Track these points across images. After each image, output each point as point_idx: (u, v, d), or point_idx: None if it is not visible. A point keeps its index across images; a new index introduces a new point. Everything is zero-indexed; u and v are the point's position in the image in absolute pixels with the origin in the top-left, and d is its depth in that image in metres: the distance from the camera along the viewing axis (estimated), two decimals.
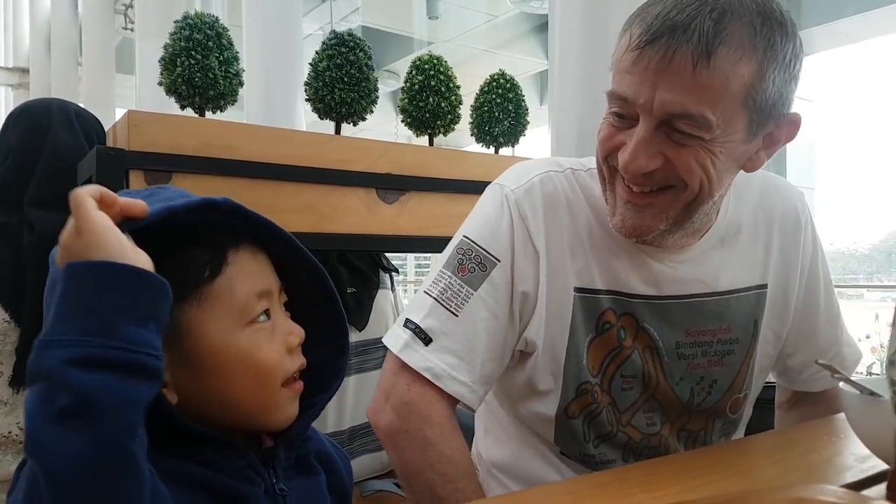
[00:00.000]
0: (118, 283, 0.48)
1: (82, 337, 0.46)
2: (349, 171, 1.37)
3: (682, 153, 0.78)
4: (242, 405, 0.61)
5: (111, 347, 0.47)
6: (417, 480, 0.84)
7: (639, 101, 0.77)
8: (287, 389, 0.63)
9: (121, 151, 1.18)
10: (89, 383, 0.45)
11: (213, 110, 1.33)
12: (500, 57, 7.74)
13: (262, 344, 0.61)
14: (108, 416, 0.45)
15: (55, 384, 0.45)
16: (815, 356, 1.03)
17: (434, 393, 0.85)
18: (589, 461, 0.95)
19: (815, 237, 1.03)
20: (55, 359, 0.46)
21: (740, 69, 0.74)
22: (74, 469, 0.44)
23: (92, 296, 0.48)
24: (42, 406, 0.45)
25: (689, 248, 0.93)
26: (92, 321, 0.47)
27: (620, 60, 0.80)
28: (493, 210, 0.91)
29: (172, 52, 1.29)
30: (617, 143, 0.81)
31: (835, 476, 0.76)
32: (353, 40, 1.41)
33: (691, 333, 0.94)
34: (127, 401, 0.47)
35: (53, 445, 0.44)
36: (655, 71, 0.75)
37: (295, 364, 0.64)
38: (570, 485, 0.80)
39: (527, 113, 1.62)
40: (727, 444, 1.04)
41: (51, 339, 0.47)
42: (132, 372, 0.47)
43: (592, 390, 0.92)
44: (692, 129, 0.76)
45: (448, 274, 0.88)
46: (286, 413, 0.64)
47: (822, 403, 1.08)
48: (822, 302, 1.04)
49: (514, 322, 0.90)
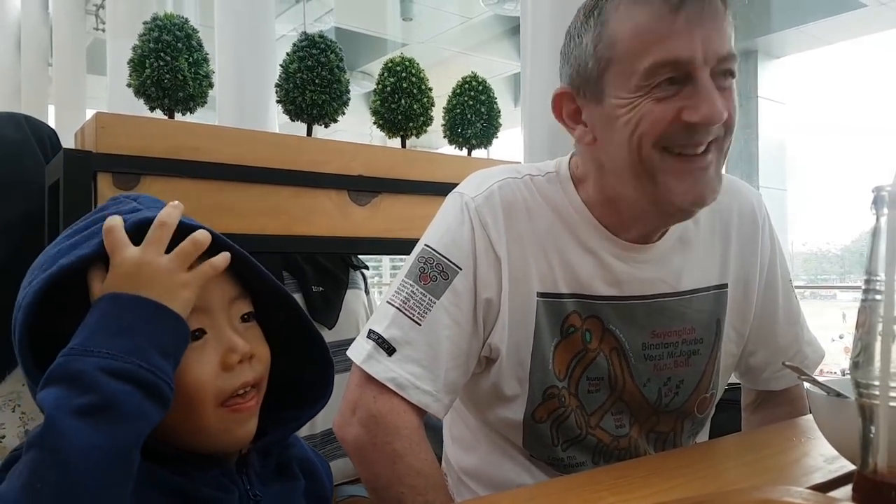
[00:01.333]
0: (157, 320, 0.55)
1: (118, 352, 0.52)
2: (321, 172, 1.35)
3: (728, 97, 0.83)
4: (177, 428, 0.59)
5: (142, 367, 0.52)
6: (387, 493, 0.83)
7: (696, 55, 0.79)
8: (227, 410, 0.60)
9: (88, 154, 1.16)
10: (117, 390, 0.50)
11: (182, 112, 1.32)
12: (475, 59, 7.77)
13: (190, 363, 0.58)
14: (126, 421, 0.50)
15: (82, 385, 0.50)
16: (775, 355, 1.05)
17: (401, 404, 0.84)
18: (558, 464, 0.95)
19: (772, 236, 1.05)
20: (89, 365, 0.50)
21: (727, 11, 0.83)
22: (86, 460, 0.47)
23: (132, 323, 0.54)
24: (63, 401, 0.49)
25: (651, 247, 0.94)
26: (127, 344, 0.52)
27: (653, 30, 0.80)
28: (454, 218, 0.91)
29: (141, 54, 1.27)
30: (674, 111, 0.80)
31: (803, 477, 0.76)
32: (325, 42, 1.40)
33: (657, 335, 0.95)
34: (143, 415, 0.51)
35: (71, 436, 0.47)
36: (700, 22, 0.79)
37: (233, 382, 0.60)
38: (538, 489, 0.79)
39: (499, 115, 1.62)
40: (696, 447, 1.05)
41: (86, 348, 0.51)
42: (152, 393, 0.52)
43: (559, 394, 0.92)
44: (732, 65, 0.82)
45: (410, 283, 0.88)
46: (233, 436, 0.61)
47: (787, 404, 1.09)
48: (780, 300, 1.05)
49: (477, 329, 0.90)
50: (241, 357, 0.61)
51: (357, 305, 1.64)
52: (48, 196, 1.29)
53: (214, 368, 0.60)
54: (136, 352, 0.52)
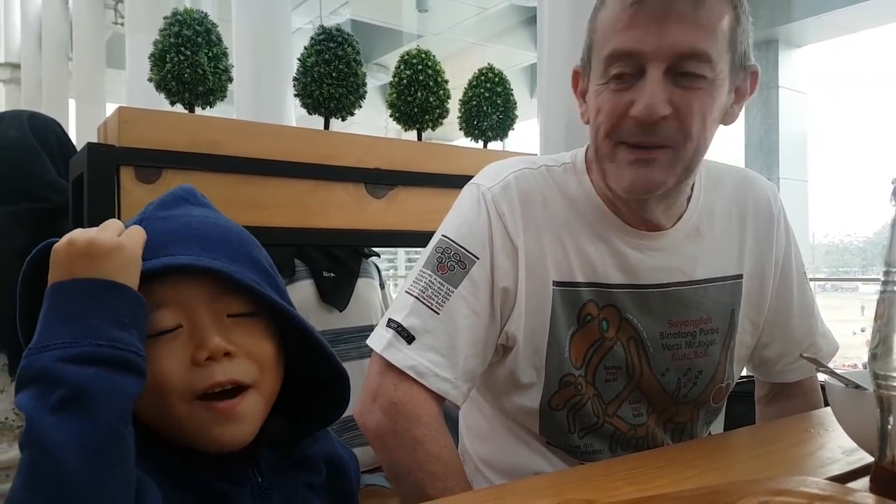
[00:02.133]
0: (102, 296, 0.54)
1: (72, 340, 0.51)
2: (338, 166, 1.36)
3: (689, 99, 0.82)
4: (157, 420, 0.59)
5: (100, 346, 0.51)
6: (407, 480, 0.84)
7: (646, 49, 0.80)
8: (202, 407, 0.59)
9: (111, 147, 1.18)
10: (82, 376, 0.49)
11: (202, 106, 1.33)
12: (490, 49, 7.74)
13: (161, 356, 0.58)
14: (100, 404, 0.49)
15: (49, 381, 0.49)
16: (789, 347, 1.05)
17: (421, 392, 0.85)
18: (575, 451, 0.96)
19: (787, 229, 1.05)
20: (48, 359, 0.50)
21: (725, 12, 0.81)
22: (75, 453, 0.47)
23: (80, 306, 0.53)
24: (38, 401, 0.49)
25: (664, 235, 0.94)
26: (80, 327, 0.52)
27: (616, 22, 0.83)
28: (471, 208, 0.93)
29: (162, 49, 1.28)
30: (625, 105, 0.83)
31: (820, 468, 0.76)
32: (342, 35, 1.40)
33: (674, 324, 0.95)
34: (116, 391, 0.51)
35: (53, 433, 0.47)
36: (660, 18, 0.79)
37: (204, 379, 0.58)
38: (556, 477, 0.80)
39: (515, 107, 1.62)
40: (712, 438, 1.05)
41: (41, 345, 0.51)
42: (120, 367, 0.52)
43: (576, 382, 0.92)
44: (698, 69, 0.81)
45: (428, 273, 0.89)
46: (209, 435, 0.59)
47: (801, 396, 1.09)
48: (795, 293, 1.05)
49: (494, 318, 0.91)
50: (209, 353, 0.58)
51: (370, 294, 1.66)
52: (72, 189, 1.32)
53: (183, 362, 0.58)
54: (90, 333, 0.51)
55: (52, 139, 1.50)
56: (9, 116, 1.51)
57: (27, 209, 1.39)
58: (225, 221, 0.67)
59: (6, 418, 1.37)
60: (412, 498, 0.83)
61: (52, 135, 1.51)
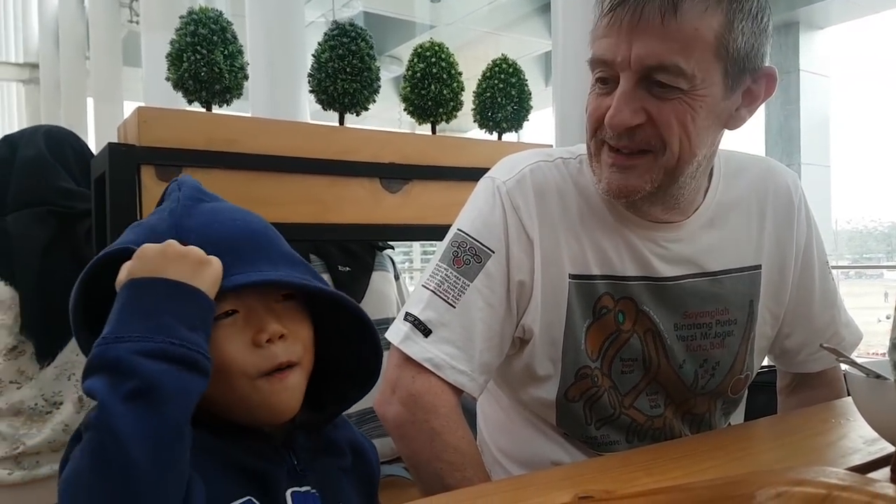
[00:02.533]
0: (177, 296, 0.57)
1: (146, 335, 0.54)
2: (353, 161, 1.37)
3: (663, 109, 0.81)
4: (220, 400, 0.62)
5: (173, 344, 0.54)
6: (426, 470, 0.85)
7: (616, 59, 0.80)
8: (265, 381, 0.63)
9: (132, 147, 1.20)
10: (155, 371, 0.52)
11: (219, 104, 1.34)
12: (504, 38, 7.69)
13: (222, 340, 0.62)
14: (170, 401, 0.52)
15: (123, 371, 0.52)
16: (811, 337, 1.04)
17: (438, 383, 0.86)
18: (592, 442, 0.96)
19: (809, 217, 1.04)
20: (124, 351, 0.53)
21: (708, 20, 0.79)
22: (142, 442, 0.50)
23: (155, 304, 0.56)
24: (110, 388, 0.51)
25: (679, 227, 0.94)
26: (154, 324, 0.55)
27: (596, 28, 0.84)
28: (486, 202, 0.93)
29: (178, 48, 1.30)
30: (603, 109, 0.84)
31: (841, 459, 0.76)
32: (355, 30, 1.41)
33: (689, 315, 0.95)
34: (184, 390, 0.54)
35: (124, 421, 0.50)
36: (628, 29, 0.79)
37: (266, 361, 0.63)
38: (573, 468, 0.80)
39: (530, 97, 1.62)
40: (731, 429, 1.05)
41: (116, 335, 0.54)
42: (189, 366, 0.54)
43: (592, 374, 0.93)
44: (670, 80, 0.80)
45: (444, 267, 0.90)
46: (272, 407, 0.64)
47: (823, 386, 1.08)
48: (817, 282, 1.04)
49: (511, 311, 0.91)
50: (269, 336, 0.63)
51: (385, 287, 1.67)
52: (94, 189, 1.34)
53: (245, 345, 0.63)
54: (163, 330, 0.54)
55: (69, 152, 1.58)
56: (26, 135, 1.60)
57: (47, 211, 1.47)
58: (251, 217, 0.70)
59: (35, 404, 1.43)
60: (431, 488, 0.84)
61: (69, 148, 1.59)
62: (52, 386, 1.45)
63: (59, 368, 1.45)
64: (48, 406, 1.45)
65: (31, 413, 1.43)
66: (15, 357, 1.41)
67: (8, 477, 1.40)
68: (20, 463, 1.42)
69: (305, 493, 0.65)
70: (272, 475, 0.64)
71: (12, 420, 1.42)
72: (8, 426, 1.42)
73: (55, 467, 1.40)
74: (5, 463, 1.41)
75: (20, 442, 1.41)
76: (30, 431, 1.43)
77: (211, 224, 0.66)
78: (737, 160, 1.02)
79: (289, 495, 0.64)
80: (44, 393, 1.44)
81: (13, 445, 1.41)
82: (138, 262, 0.59)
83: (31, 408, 1.43)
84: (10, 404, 1.41)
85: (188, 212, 0.67)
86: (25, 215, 1.46)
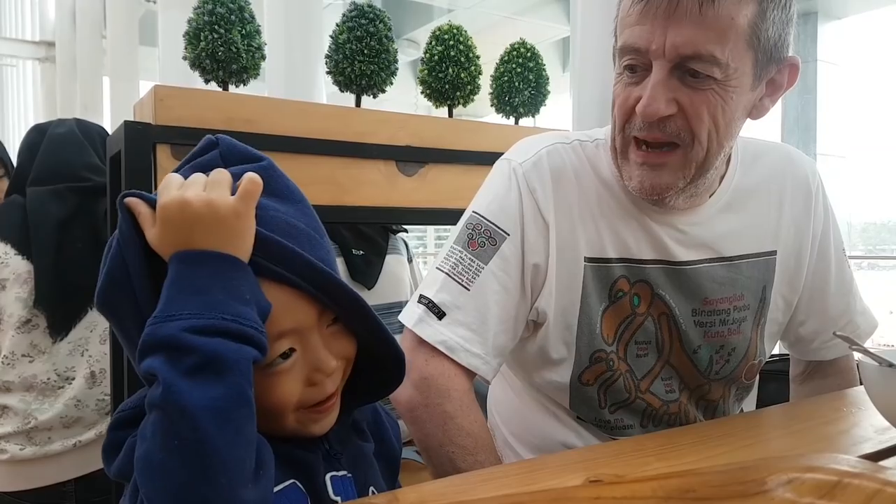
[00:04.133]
0: (226, 272, 0.55)
1: (198, 312, 0.52)
2: (369, 143, 1.37)
3: (695, 99, 0.81)
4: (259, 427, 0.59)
5: (225, 319, 0.53)
6: (438, 454, 0.86)
7: (651, 47, 0.79)
8: (308, 412, 0.62)
9: (148, 126, 1.21)
10: (210, 344, 0.51)
11: (236, 84, 1.35)
12: (522, 23, 7.63)
13: (275, 386, 0.60)
14: (231, 368, 0.51)
15: (180, 348, 0.51)
16: (826, 325, 1.04)
17: (451, 367, 0.87)
18: (605, 426, 0.97)
19: (826, 205, 1.04)
20: (175, 328, 0.51)
21: (743, 8, 0.78)
22: (211, 413, 0.49)
23: (204, 281, 0.54)
24: (171, 365, 0.50)
25: (694, 212, 0.94)
26: (206, 300, 0.53)
27: (627, 16, 0.82)
28: (502, 184, 0.93)
29: (196, 27, 1.30)
30: (633, 100, 0.83)
31: (852, 447, 0.76)
32: (373, 12, 1.40)
33: (709, 302, 0.95)
34: (242, 358, 0.53)
35: (190, 396, 0.49)
36: (664, 16, 0.78)
37: (316, 395, 0.62)
38: (586, 452, 0.81)
39: (547, 82, 1.61)
40: (744, 416, 1.05)
41: (167, 314, 0.52)
42: (243, 340, 0.53)
43: (607, 358, 0.93)
44: (705, 69, 0.79)
45: (459, 249, 0.90)
46: (308, 432, 0.63)
47: (836, 375, 1.09)
48: (832, 269, 1.04)
49: (525, 294, 0.91)
50: (328, 374, 0.62)
51: (399, 270, 1.68)
52: (109, 167, 1.35)
53: (300, 385, 0.61)
54: (216, 306, 0.53)
55: (96, 136, 1.64)
56: (57, 121, 1.67)
57: (66, 188, 1.50)
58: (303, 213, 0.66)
59: (48, 378, 1.44)
60: (443, 472, 0.84)
61: (96, 134, 1.65)
62: (64, 361, 1.46)
63: (73, 344, 1.46)
64: (60, 381, 1.46)
65: (42, 388, 1.45)
66: (28, 331, 1.43)
67: (20, 452, 1.42)
68: (32, 438, 1.43)
69: (343, 478, 0.66)
70: (310, 461, 0.64)
71: (24, 395, 1.44)
72: (20, 401, 1.43)
73: (66, 443, 1.45)
74: (17, 437, 1.43)
75: (32, 416, 1.43)
76: (41, 406, 1.44)
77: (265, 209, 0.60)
78: (755, 146, 1.02)
79: (328, 479, 0.64)
80: (56, 368, 1.45)
81: (25, 420, 1.43)
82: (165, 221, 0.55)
83: (43, 382, 1.44)
84: (23, 378, 1.43)
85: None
86: (44, 192, 1.48)
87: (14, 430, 1.42)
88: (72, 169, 1.54)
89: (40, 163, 1.55)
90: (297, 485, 0.62)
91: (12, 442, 1.42)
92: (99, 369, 1.49)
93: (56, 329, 1.44)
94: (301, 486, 0.62)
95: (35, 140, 1.59)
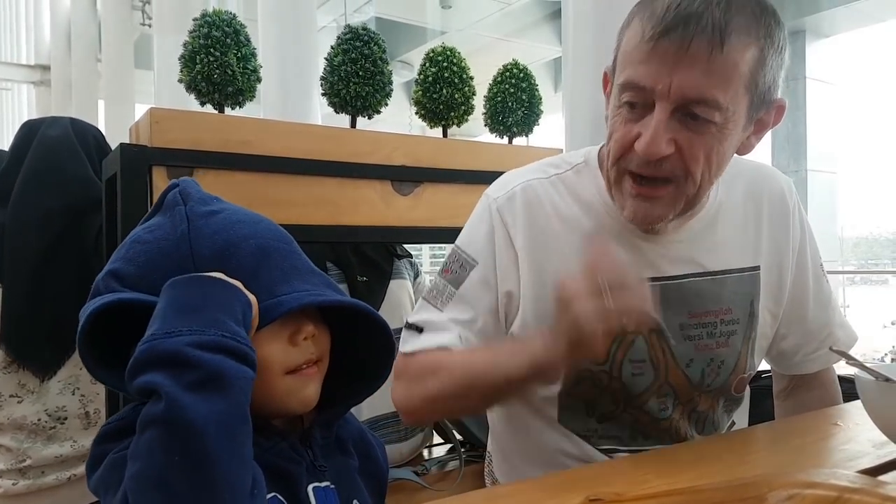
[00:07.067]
0: (221, 292, 0.58)
1: (200, 328, 0.54)
2: (365, 163, 1.38)
3: (694, 141, 0.82)
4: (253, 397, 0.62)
5: (225, 336, 0.54)
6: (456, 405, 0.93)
7: (657, 87, 0.80)
8: (294, 376, 0.65)
9: (143, 148, 1.21)
10: (215, 360, 0.52)
11: (231, 106, 1.35)
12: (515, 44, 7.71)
13: (261, 342, 0.62)
14: (233, 385, 0.53)
15: (182, 363, 0.52)
16: (807, 338, 1.06)
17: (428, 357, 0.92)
18: (593, 436, 0.98)
19: (802, 220, 1.06)
20: (178, 344, 0.52)
21: (746, 55, 0.79)
22: (216, 427, 0.50)
23: (202, 299, 0.56)
24: (173, 380, 0.51)
25: (678, 229, 0.96)
26: (204, 317, 0.55)
27: (633, 52, 0.83)
28: (478, 217, 1.00)
29: (192, 50, 1.31)
30: (633, 136, 0.84)
31: (850, 462, 0.76)
32: (368, 34, 1.42)
33: (695, 315, 0.97)
34: (243, 376, 0.54)
35: (194, 410, 0.49)
36: (673, 59, 0.78)
37: (300, 357, 0.66)
38: (584, 472, 0.81)
39: (540, 102, 1.62)
40: (742, 432, 1.05)
41: (166, 331, 0.53)
42: (240, 358, 0.55)
43: (594, 376, 0.94)
44: (706, 113, 0.80)
45: (437, 276, 0.99)
46: (298, 398, 0.66)
47: (820, 387, 1.10)
48: (811, 284, 1.06)
49: (498, 320, 0.96)
50: (306, 335, 0.66)
51: (402, 295, 1.67)
52: (105, 189, 1.35)
53: (283, 345, 0.65)
54: (215, 324, 0.55)
55: (91, 141, 1.56)
56: (51, 119, 1.57)
57: (60, 206, 1.41)
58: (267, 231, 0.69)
59: (38, 419, 1.37)
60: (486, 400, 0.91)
61: (91, 137, 1.57)
62: (55, 401, 1.38)
63: (63, 383, 1.39)
64: (52, 421, 1.38)
65: (34, 428, 1.37)
66: (15, 370, 1.36)
67: (13, 487, 1.36)
68: (25, 474, 1.37)
69: (325, 489, 0.67)
70: (294, 473, 0.65)
71: (16, 433, 1.37)
72: (12, 439, 1.37)
73: (61, 476, 1.38)
74: (10, 474, 1.36)
75: (25, 455, 1.36)
76: (34, 445, 1.37)
77: (228, 248, 0.64)
78: (734, 164, 1.03)
79: (310, 491, 0.65)
80: (47, 408, 1.38)
81: (19, 458, 1.36)
82: None
83: (33, 423, 1.37)
84: (12, 419, 1.36)
85: (199, 233, 0.64)
86: (27, 214, 1.39)
87: (7, 468, 1.36)
88: (61, 180, 1.44)
89: (28, 169, 1.44)
90: (279, 498, 0.62)
91: (5, 478, 1.37)
92: (94, 409, 1.42)
93: (44, 368, 1.37)
94: (282, 499, 0.63)
95: (24, 142, 1.49)
